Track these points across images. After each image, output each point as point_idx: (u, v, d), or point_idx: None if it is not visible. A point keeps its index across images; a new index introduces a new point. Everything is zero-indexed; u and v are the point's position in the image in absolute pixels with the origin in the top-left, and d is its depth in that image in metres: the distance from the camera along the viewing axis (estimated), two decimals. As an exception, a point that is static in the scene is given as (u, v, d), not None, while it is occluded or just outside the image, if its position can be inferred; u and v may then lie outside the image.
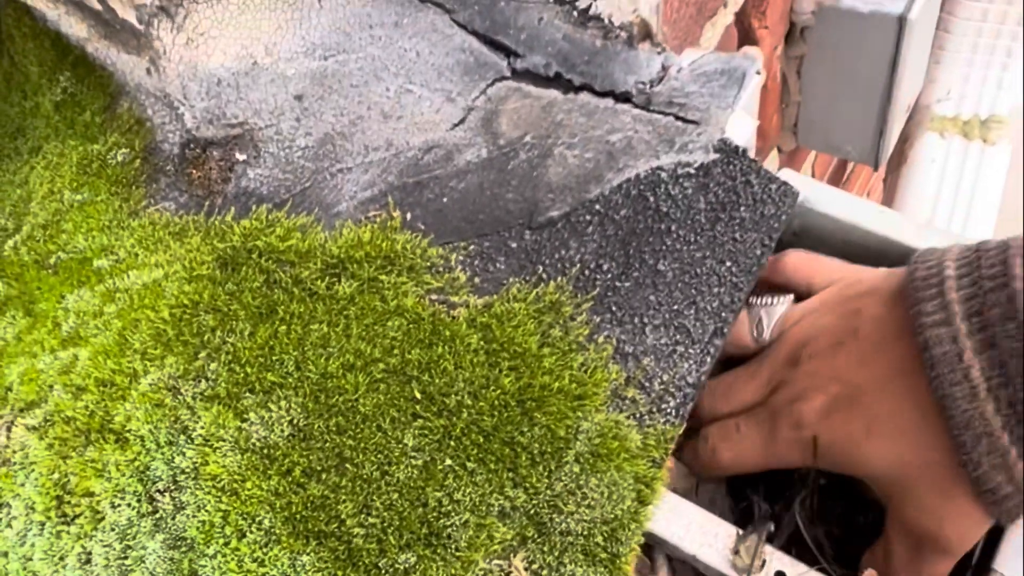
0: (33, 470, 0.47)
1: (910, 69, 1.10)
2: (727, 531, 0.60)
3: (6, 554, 0.46)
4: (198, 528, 0.43)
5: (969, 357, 0.43)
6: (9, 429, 0.49)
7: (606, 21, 0.55)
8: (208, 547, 0.43)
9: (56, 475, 0.46)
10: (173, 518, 0.44)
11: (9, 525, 0.46)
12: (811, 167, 1.65)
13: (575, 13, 0.56)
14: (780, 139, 1.32)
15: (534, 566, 0.44)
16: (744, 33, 0.96)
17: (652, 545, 0.54)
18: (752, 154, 0.62)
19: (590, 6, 0.54)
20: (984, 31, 1.44)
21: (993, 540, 0.56)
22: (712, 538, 0.59)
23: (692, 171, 0.53)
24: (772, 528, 0.54)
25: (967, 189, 1.52)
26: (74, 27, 0.58)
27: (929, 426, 0.45)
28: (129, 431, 0.46)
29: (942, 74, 1.49)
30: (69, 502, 0.46)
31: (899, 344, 0.47)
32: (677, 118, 0.56)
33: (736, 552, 0.55)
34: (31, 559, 0.45)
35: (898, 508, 0.48)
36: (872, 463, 0.47)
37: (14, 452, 0.48)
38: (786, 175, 0.59)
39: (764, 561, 0.54)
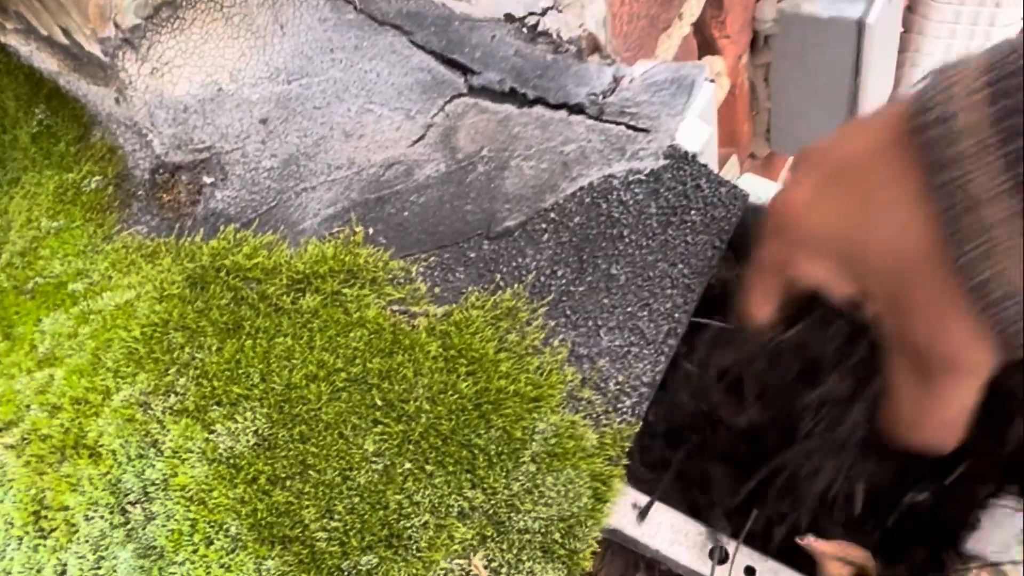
0: (11, 487, 0.49)
1: (875, 72, 1.12)
2: (696, 529, 0.61)
3: (-14, 569, 0.47)
4: (167, 537, 0.45)
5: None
6: (-12, 449, 0.50)
7: (555, 36, 0.57)
8: (177, 555, 0.44)
9: (33, 491, 0.48)
10: (144, 528, 0.45)
11: (-11, 542, 0.48)
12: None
13: (525, 30, 0.58)
14: (753, 145, 1.34)
15: (494, 564, 0.45)
16: (705, 44, 0.98)
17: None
18: (713, 160, 0.63)
19: (538, 23, 0.56)
20: (958, 32, 1.46)
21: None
22: (682, 536, 0.60)
23: (643, 177, 0.55)
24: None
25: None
26: (46, 62, 0.60)
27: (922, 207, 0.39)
28: (102, 446, 0.48)
29: (917, 76, 1.50)
30: (46, 516, 0.47)
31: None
32: (628, 127, 0.58)
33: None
34: (10, 573, 0.47)
35: (894, 322, 0.43)
36: (870, 254, 0.42)
37: (-7, 471, 0.49)
38: (747, 180, 0.60)
39: (728, 554, 0.56)
